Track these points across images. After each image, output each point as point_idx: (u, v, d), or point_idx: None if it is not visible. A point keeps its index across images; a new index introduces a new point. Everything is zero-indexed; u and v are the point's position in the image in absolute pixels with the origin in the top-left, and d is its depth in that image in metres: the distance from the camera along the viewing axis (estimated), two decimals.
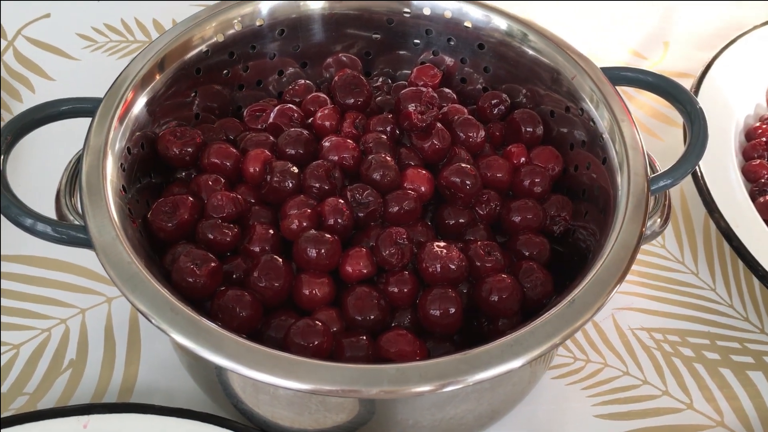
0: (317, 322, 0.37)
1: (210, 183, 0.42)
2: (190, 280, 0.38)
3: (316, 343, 0.36)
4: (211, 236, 0.40)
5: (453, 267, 0.39)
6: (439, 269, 0.39)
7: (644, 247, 0.55)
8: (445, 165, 0.45)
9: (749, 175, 0.55)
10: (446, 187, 0.43)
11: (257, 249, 0.40)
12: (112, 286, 0.49)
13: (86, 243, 0.36)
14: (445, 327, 0.39)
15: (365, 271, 0.40)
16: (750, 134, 0.59)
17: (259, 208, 0.43)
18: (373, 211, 0.42)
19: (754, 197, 0.53)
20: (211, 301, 0.38)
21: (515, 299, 0.39)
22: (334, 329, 0.38)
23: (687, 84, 0.56)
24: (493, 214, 0.44)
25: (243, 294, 0.38)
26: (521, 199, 0.44)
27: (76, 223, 0.38)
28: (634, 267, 0.53)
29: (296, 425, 0.40)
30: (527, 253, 0.42)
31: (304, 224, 0.40)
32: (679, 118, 0.61)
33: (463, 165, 0.44)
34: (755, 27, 0.64)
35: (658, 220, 0.43)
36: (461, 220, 0.44)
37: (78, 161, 0.42)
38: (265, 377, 0.31)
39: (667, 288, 0.53)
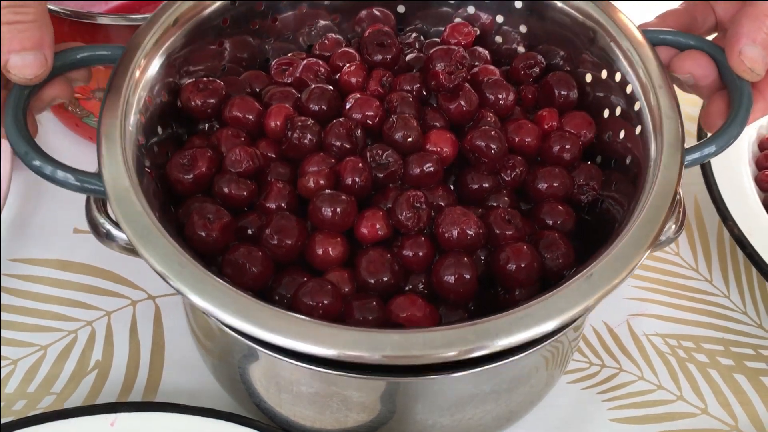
0: (327, 282, 0.37)
1: (230, 137, 0.42)
2: (202, 234, 0.38)
3: (325, 303, 0.36)
4: (227, 191, 0.40)
5: (470, 233, 0.38)
6: (455, 235, 0.38)
7: (658, 254, 0.55)
8: (471, 128, 0.43)
9: (762, 184, 0.56)
10: (470, 151, 0.42)
11: (273, 206, 0.40)
12: (137, 289, 0.51)
13: (101, 192, 0.36)
14: (459, 294, 0.38)
15: (381, 233, 0.39)
16: (763, 144, 0.59)
17: (278, 165, 0.42)
18: (392, 172, 0.41)
19: (767, 206, 0.54)
20: (222, 257, 0.38)
21: (533, 269, 0.38)
22: (345, 290, 0.38)
23: None
24: (519, 181, 0.43)
25: (254, 250, 0.38)
26: (548, 166, 0.43)
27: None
28: (648, 274, 0.54)
29: (317, 424, 0.41)
30: (550, 222, 0.41)
31: (321, 182, 0.40)
32: (692, 129, 0.61)
33: (489, 128, 0.42)
34: None
35: (673, 226, 0.44)
36: (485, 185, 0.42)
37: None
38: (265, 334, 0.31)
39: (681, 295, 0.53)
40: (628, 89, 0.42)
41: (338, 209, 0.39)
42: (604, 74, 0.44)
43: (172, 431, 0.42)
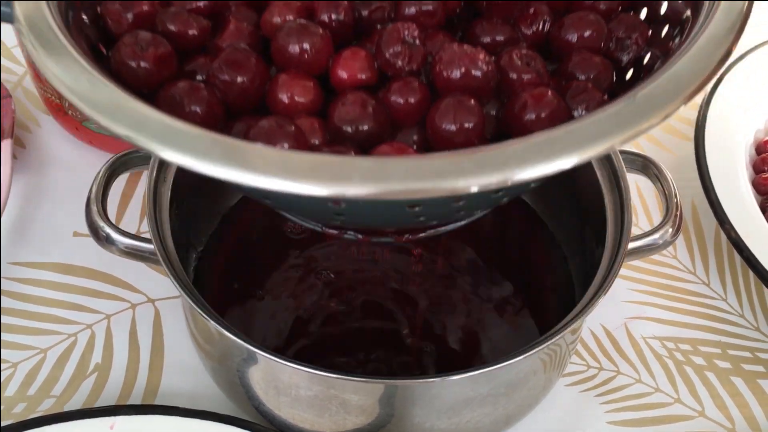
0: (289, 121, 0.29)
1: None
2: (132, 64, 0.30)
3: (285, 146, 0.28)
4: (172, 27, 0.32)
5: (477, 73, 0.30)
6: (458, 75, 0.30)
7: (656, 257, 0.55)
8: None
9: (759, 188, 0.56)
10: None
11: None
12: (137, 292, 0.51)
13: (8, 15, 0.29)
14: (462, 147, 0.27)
15: (363, 77, 0.31)
16: (760, 148, 0.60)
17: (242, 7, 0.34)
18: (379, 8, 0.33)
19: (764, 209, 0.54)
20: (156, 94, 0.30)
21: (559, 121, 0.29)
22: (315, 143, 0.30)
23: (698, 98, 0.57)
24: (542, 34, 0.34)
25: (197, 86, 0.30)
26: (577, 12, 0.34)
27: None
28: (645, 277, 0.54)
29: (316, 427, 0.41)
30: (583, 77, 0.32)
31: (289, 17, 0.32)
32: (690, 132, 0.61)
33: None
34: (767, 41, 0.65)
35: (670, 229, 0.44)
36: (498, 38, 0.34)
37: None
38: (197, 164, 0.24)
39: (678, 298, 0.53)
40: None
41: (307, 44, 0.30)
42: None
43: None
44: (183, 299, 0.45)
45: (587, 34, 0.33)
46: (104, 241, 0.43)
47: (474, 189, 0.23)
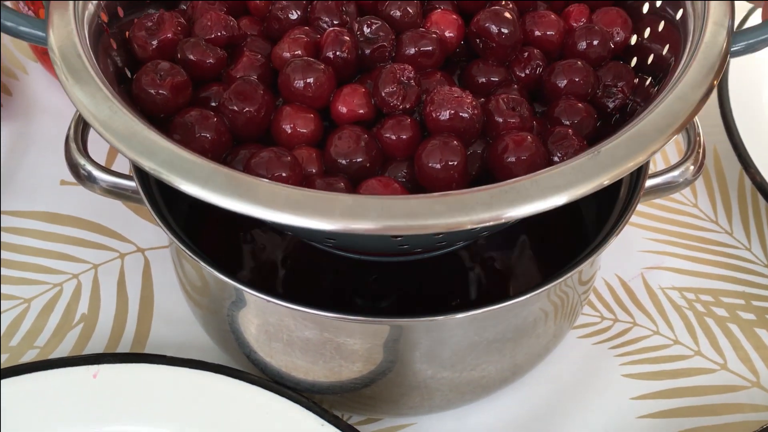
0: (287, 153, 0.32)
1: (206, 5, 0.38)
2: (151, 92, 0.33)
3: (282, 175, 0.31)
4: (191, 56, 0.35)
5: (464, 115, 0.32)
6: (447, 117, 0.32)
7: (675, 206, 0.52)
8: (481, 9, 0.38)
9: None
10: (477, 35, 0.36)
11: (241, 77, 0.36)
12: (126, 242, 0.49)
13: (42, 39, 0.33)
14: (445, 184, 0.32)
15: (361, 112, 0.34)
16: None
17: (257, 40, 0.38)
18: (381, 48, 0.35)
19: None
20: (171, 120, 0.34)
21: (536, 164, 0.32)
22: (312, 171, 0.33)
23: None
24: (534, 77, 0.37)
25: (208, 114, 0.33)
26: (568, 60, 0.37)
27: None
28: (664, 226, 0.51)
29: (310, 376, 0.39)
30: (567, 122, 0.35)
31: (298, 53, 0.35)
32: None
33: (500, 9, 0.36)
34: None
35: (691, 167, 0.41)
36: (493, 78, 0.37)
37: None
38: (197, 191, 0.27)
39: (699, 248, 0.50)
40: None
41: (311, 79, 0.34)
42: None
43: (157, 383, 0.39)
44: (171, 245, 0.43)
45: (575, 80, 0.36)
46: (86, 180, 0.40)
47: (442, 229, 0.26)
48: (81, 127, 0.40)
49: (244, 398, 0.39)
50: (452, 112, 0.32)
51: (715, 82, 0.30)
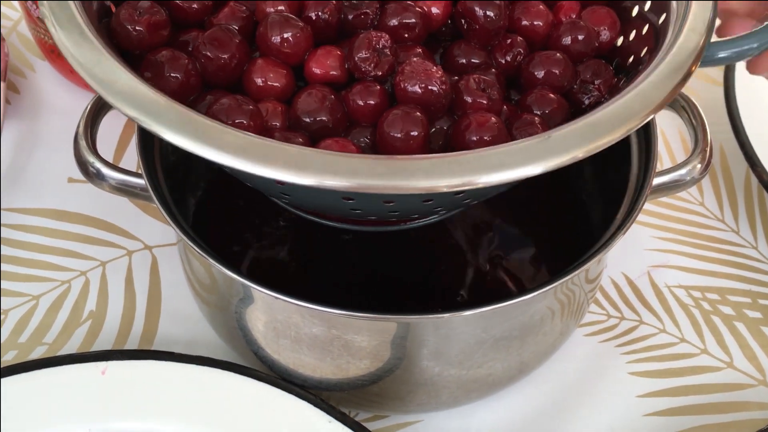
0: (249, 102, 0.32)
1: None
2: (128, 27, 0.33)
3: (243, 123, 0.31)
4: None
5: (432, 89, 0.32)
6: (415, 88, 0.32)
7: (681, 204, 0.52)
8: None
9: None
10: (462, 15, 0.36)
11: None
12: (134, 239, 0.49)
13: None
14: (404, 153, 0.32)
15: (333, 74, 0.34)
16: None
17: None
18: (363, 14, 0.35)
19: None
20: (144, 57, 0.34)
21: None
22: (275, 124, 0.33)
23: None
24: (514, 65, 0.37)
25: (179, 56, 0.33)
26: (549, 51, 0.37)
27: None
28: (670, 224, 0.51)
29: (318, 373, 0.39)
30: (538, 112, 0.34)
31: (280, 8, 0.35)
32: (717, 76, 0.58)
33: None
34: None
35: (698, 165, 0.41)
36: (473, 60, 0.36)
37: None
38: (156, 127, 0.27)
39: (706, 246, 0.50)
40: None
41: (288, 35, 0.34)
42: None
43: (165, 380, 0.40)
44: (179, 243, 0.43)
45: (552, 71, 0.36)
46: (95, 177, 0.40)
47: (380, 190, 0.26)
48: (90, 125, 0.40)
49: (252, 395, 0.39)
50: (421, 84, 0.32)
51: (680, 87, 0.30)
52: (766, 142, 0.50)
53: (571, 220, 0.48)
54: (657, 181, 0.40)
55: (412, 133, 0.31)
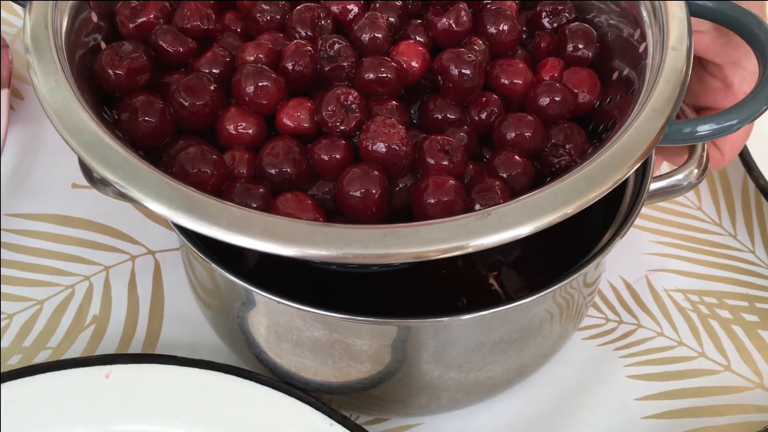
0: (213, 152, 0.33)
1: None
2: (108, 71, 0.35)
3: (205, 172, 0.32)
4: (161, 42, 0.36)
5: (394, 148, 0.33)
6: (377, 147, 0.33)
7: (679, 209, 0.53)
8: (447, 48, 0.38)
9: None
10: (438, 72, 0.37)
11: (205, 71, 0.36)
12: (137, 244, 0.50)
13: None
14: (362, 213, 0.33)
15: (304, 126, 0.35)
16: None
17: (231, 36, 0.39)
18: (339, 67, 0.36)
19: None
20: (122, 100, 0.35)
21: (453, 210, 0.32)
22: (241, 172, 0.34)
23: None
24: (488, 123, 0.37)
25: (155, 100, 0.34)
26: (521, 113, 0.36)
27: None
28: (668, 229, 0.52)
29: (319, 376, 0.39)
30: (503, 175, 0.35)
31: (260, 57, 0.36)
32: None
33: (465, 51, 0.36)
34: None
35: (695, 170, 0.41)
36: (448, 116, 0.37)
37: None
38: (110, 175, 0.29)
39: (703, 250, 0.51)
40: (641, 48, 0.36)
41: (261, 86, 0.34)
42: (623, 32, 0.39)
43: (169, 384, 0.40)
44: (182, 247, 0.43)
45: (523, 134, 0.36)
46: (99, 183, 0.40)
47: (315, 258, 0.27)
48: None
49: (254, 398, 0.39)
50: (383, 144, 0.33)
51: (628, 172, 0.30)
52: (763, 147, 0.51)
53: (570, 224, 0.49)
54: (654, 185, 0.40)
55: (369, 192, 0.32)
